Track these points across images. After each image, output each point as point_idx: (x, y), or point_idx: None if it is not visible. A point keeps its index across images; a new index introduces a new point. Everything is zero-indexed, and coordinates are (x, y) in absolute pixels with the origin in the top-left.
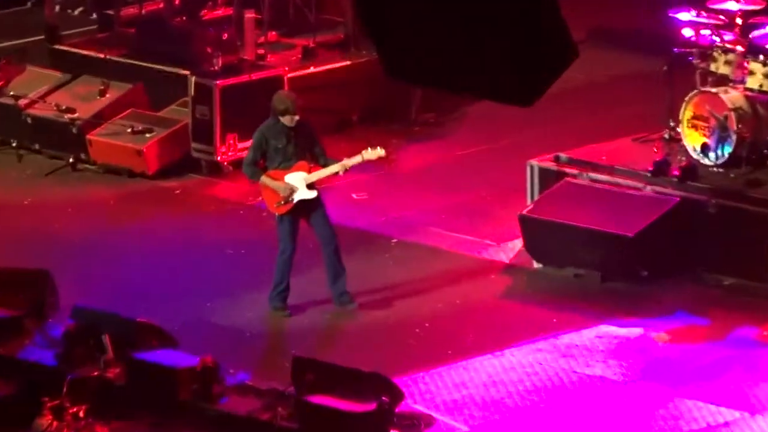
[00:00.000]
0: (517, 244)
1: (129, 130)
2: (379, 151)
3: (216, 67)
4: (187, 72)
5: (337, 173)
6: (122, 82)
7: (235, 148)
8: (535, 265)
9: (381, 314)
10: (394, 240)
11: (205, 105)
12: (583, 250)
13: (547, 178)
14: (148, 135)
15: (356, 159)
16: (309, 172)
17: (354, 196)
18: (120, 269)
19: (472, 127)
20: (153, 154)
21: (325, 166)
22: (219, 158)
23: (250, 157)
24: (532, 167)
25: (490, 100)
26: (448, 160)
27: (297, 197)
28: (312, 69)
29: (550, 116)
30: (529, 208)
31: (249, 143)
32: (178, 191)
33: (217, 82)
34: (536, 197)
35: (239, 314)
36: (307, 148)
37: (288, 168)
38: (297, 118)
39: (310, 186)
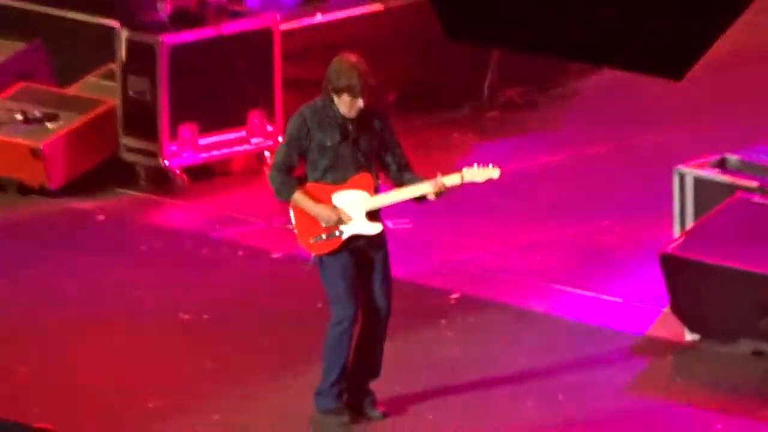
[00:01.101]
0: (657, 302)
1: (19, 117)
2: (491, 171)
3: (162, 15)
4: (114, 23)
5: (423, 198)
6: (6, 39)
7: (193, 147)
8: (688, 336)
9: None
10: (455, 296)
11: (143, 76)
12: None
13: (708, 193)
14: (49, 125)
15: (454, 179)
16: (374, 192)
17: (389, 224)
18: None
19: (582, 113)
20: (58, 156)
21: (401, 184)
22: (166, 163)
23: (282, 158)
24: (682, 176)
25: (621, 69)
26: (542, 167)
27: (349, 231)
28: (320, 18)
29: (697, 98)
30: (678, 242)
31: (217, 139)
32: (100, 217)
33: (164, 38)
34: (689, 225)
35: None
36: (373, 152)
37: (340, 182)
38: (362, 103)
39: (373, 215)
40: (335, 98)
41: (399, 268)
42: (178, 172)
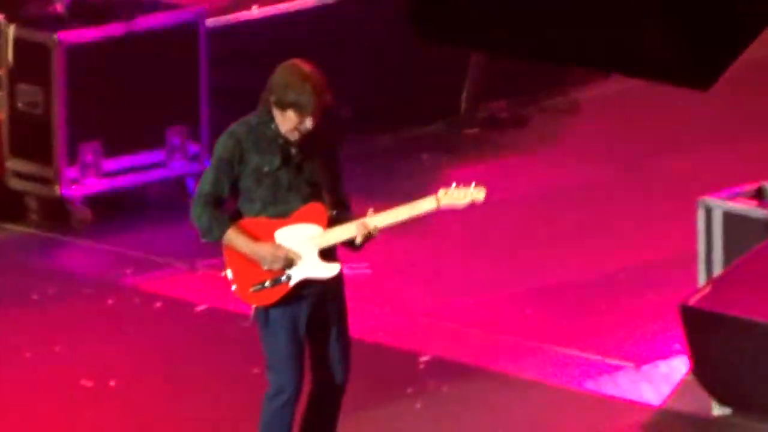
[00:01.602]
0: (677, 366)
1: None
2: (474, 193)
3: (59, 7)
4: None
5: (351, 242)
6: None
7: (97, 172)
8: (716, 410)
9: None
10: (425, 358)
11: (34, 83)
12: None
13: (741, 230)
14: None
15: (426, 205)
16: (326, 225)
17: (345, 270)
18: None
19: (582, 131)
20: None
21: (344, 217)
22: (64, 192)
23: (209, 187)
24: (708, 210)
25: (634, 77)
26: (532, 196)
27: (299, 275)
28: (256, 12)
29: (725, 113)
30: (704, 292)
31: (128, 162)
32: None
33: (61, 36)
34: (717, 270)
35: None
36: (321, 179)
37: (283, 215)
38: (310, 125)
39: (327, 254)
40: (277, 114)
41: (357, 324)
42: (78, 203)
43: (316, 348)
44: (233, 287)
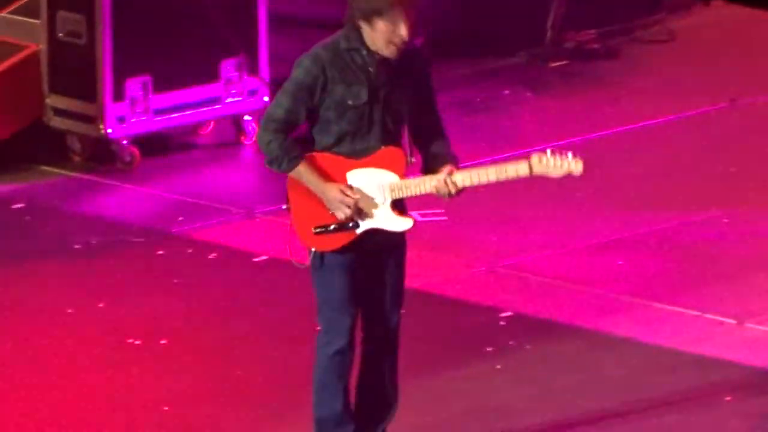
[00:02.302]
0: None
1: None
2: (571, 164)
3: None
4: None
5: (450, 193)
6: None
7: (146, 109)
8: None
9: None
10: (506, 314)
11: (76, 11)
12: None
13: None
14: None
15: (517, 169)
16: (403, 174)
17: (417, 216)
18: None
19: (679, 63)
20: None
21: (434, 167)
22: (109, 131)
23: (282, 112)
24: None
25: (740, 3)
26: (623, 137)
27: (369, 224)
28: None
29: None
30: None
31: (179, 98)
32: (19, 204)
33: None
34: None
35: None
36: (405, 115)
37: (360, 155)
38: (406, 32)
39: (399, 206)
40: (366, 30)
41: (431, 277)
42: (125, 143)
43: (371, 302)
44: (293, 225)
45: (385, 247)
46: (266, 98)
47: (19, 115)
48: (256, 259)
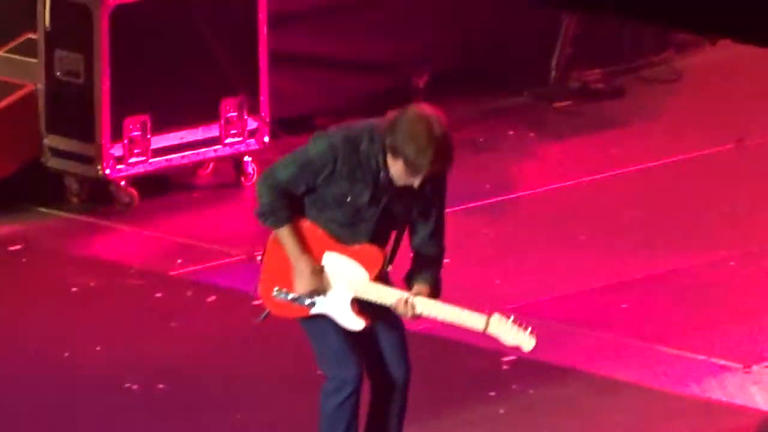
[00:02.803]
0: None
1: None
2: (524, 338)
3: None
4: None
5: (419, 315)
6: None
7: (145, 150)
8: None
9: None
10: (508, 358)
11: (75, 50)
12: None
13: None
14: None
15: (473, 321)
16: (375, 276)
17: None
18: None
19: (686, 103)
20: None
21: (410, 281)
22: (107, 172)
23: (286, 177)
24: None
25: (747, 44)
26: (629, 177)
27: (322, 308)
28: None
29: None
30: None
31: (178, 138)
32: (16, 246)
33: None
34: None
35: None
36: (404, 221)
37: (343, 241)
38: (418, 183)
39: (360, 304)
40: (388, 154)
41: (433, 319)
42: (123, 184)
43: (370, 343)
44: (259, 281)
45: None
46: (266, 138)
47: (17, 155)
48: (255, 302)
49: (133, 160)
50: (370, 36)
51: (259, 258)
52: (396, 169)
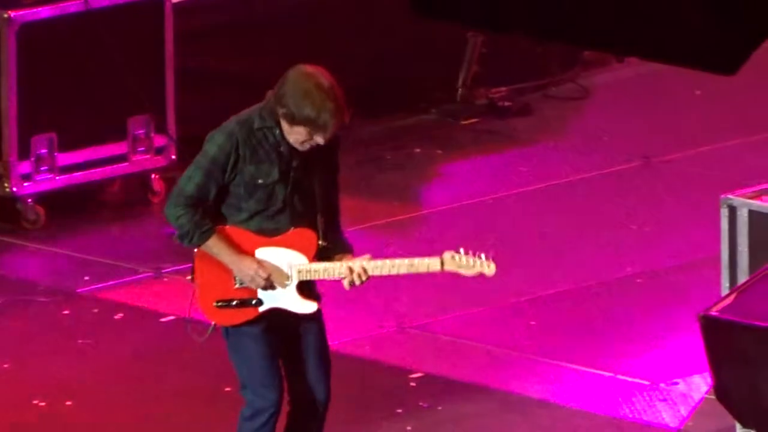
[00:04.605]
0: (698, 384)
1: None
2: (484, 265)
3: None
4: None
5: (355, 281)
6: None
7: (51, 166)
8: (740, 431)
9: None
10: (415, 376)
11: None
12: None
13: (766, 230)
14: None
15: (428, 265)
16: (313, 257)
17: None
18: None
19: (592, 121)
20: None
21: (333, 253)
22: (14, 189)
23: (193, 188)
24: (732, 209)
25: (654, 60)
26: (537, 194)
27: (271, 303)
28: None
29: (753, 102)
30: (727, 301)
31: (85, 156)
32: None
33: (12, 14)
34: (742, 276)
35: None
36: (318, 197)
37: (270, 233)
38: (322, 141)
39: (305, 288)
40: (284, 124)
41: (341, 337)
42: (30, 202)
43: (292, 364)
44: (196, 297)
45: (297, 320)
46: (173, 156)
47: None
48: (163, 320)
49: (40, 177)
50: (279, 54)
51: (188, 279)
52: (296, 135)
